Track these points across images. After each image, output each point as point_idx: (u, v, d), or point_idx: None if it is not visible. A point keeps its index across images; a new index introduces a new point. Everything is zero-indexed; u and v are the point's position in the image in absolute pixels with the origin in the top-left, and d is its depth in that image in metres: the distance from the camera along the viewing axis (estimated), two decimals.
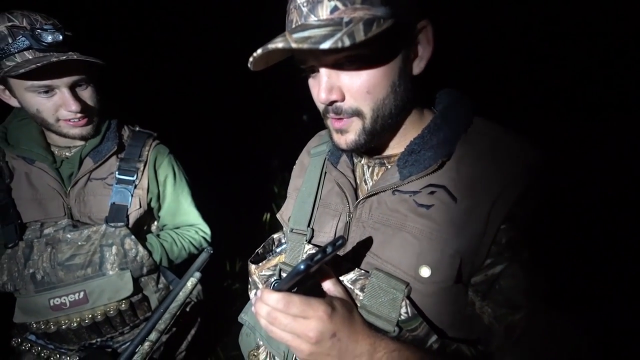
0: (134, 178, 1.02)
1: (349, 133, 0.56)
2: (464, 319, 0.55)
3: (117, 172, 1.00)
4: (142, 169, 1.03)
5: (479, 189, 0.52)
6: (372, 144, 0.58)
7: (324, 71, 0.52)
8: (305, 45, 0.44)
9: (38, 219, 0.95)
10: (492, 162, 0.53)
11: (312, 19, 0.48)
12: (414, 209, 0.56)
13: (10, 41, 0.78)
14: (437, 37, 0.52)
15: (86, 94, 0.91)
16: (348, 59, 0.49)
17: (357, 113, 0.53)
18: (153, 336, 0.92)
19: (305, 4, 0.48)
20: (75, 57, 0.80)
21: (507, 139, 0.55)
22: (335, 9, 0.46)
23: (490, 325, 0.53)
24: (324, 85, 0.52)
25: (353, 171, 0.66)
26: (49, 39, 0.78)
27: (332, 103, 0.53)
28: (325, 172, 0.70)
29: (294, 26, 0.50)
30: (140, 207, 1.03)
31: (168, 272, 1.11)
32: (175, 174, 1.13)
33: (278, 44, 0.45)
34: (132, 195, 1.01)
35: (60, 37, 0.79)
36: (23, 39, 0.78)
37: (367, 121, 0.54)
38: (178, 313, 0.97)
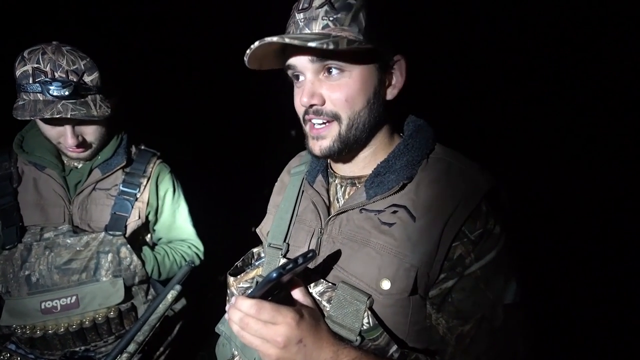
0: (136, 191, 1.07)
1: (325, 139, 0.60)
2: (422, 330, 0.58)
3: (121, 185, 1.05)
4: (145, 183, 1.09)
5: (434, 209, 0.56)
6: (344, 154, 0.62)
7: (309, 78, 0.58)
8: (295, 42, 0.50)
9: (38, 224, 0.99)
10: (446, 186, 0.58)
11: (306, 31, 0.56)
12: (378, 227, 0.59)
13: (30, 81, 0.88)
14: (410, 71, 0.60)
15: (89, 129, 0.97)
16: (331, 69, 0.56)
17: (336, 117, 0.58)
18: (131, 347, 0.91)
19: (302, 20, 0.56)
20: (69, 115, 0.88)
21: (461, 165, 0.60)
22: (326, 26, 0.54)
23: (445, 335, 0.56)
24: (307, 89, 0.58)
25: (327, 190, 0.70)
26: (55, 93, 0.87)
27: (312, 106, 0.59)
28: (303, 191, 0.74)
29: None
30: (139, 218, 1.07)
31: (158, 284, 1.12)
32: (175, 190, 1.18)
33: (273, 37, 0.52)
34: (132, 207, 1.05)
35: (67, 93, 0.87)
36: (37, 85, 0.87)
37: (343, 127, 0.58)
38: (157, 325, 0.97)
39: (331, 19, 0.54)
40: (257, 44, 0.54)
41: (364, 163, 0.66)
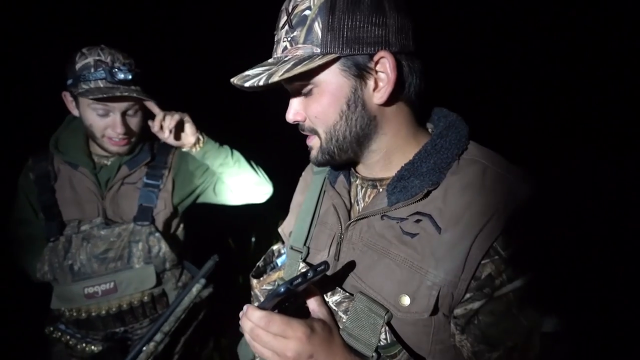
0: (159, 183, 1.12)
1: (313, 149, 0.61)
2: (446, 349, 0.54)
3: (145, 178, 1.11)
4: (166, 174, 1.14)
5: (463, 221, 0.50)
6: (334, 163, 0.61)
7: (292, 95, 0.59)
8: (238, 82, 0.53)
9: (76, 218, 1.07)
10: (478, 194, 0.51)
11: (274, 56, 0.56)
12: (399, 236, 0.55)
13: (92, 71, 0.97)
14: (399, 67, 0.52)
15: (134, 120, 1.06)
16: (300, 87, 0.55)
17: (314, 132, 0.58)
18: (158, 337, 0.98)
19: (275, 42, 0.56)
20: (135, 95, 0.98)
21: (497, 169, 0.53)
22: (284, 48, 0.53)
23: (469, 359, 0.51)
24: (290, 108, 0.59)
25: (349, 191, 0.66)
26: (121, 76, 0.98)
27: (297, 122, 0.60)
28: (325, 191, 0.71)
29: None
30: (166, 208, 1.13)
31: (193, 268, 1.19)
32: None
33: (234, 78, 0.55)
34: (157, 198, 1.11)
35: (130, 77, 0.99)
36: (102, 71, 0.97)
37: (322, 140, 0.58)
38: (182, 316, 1.04)
39: (289, 39, 0.52)
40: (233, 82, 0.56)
41: (380, 166, 0.61)
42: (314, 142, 0.60)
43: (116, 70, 0.98)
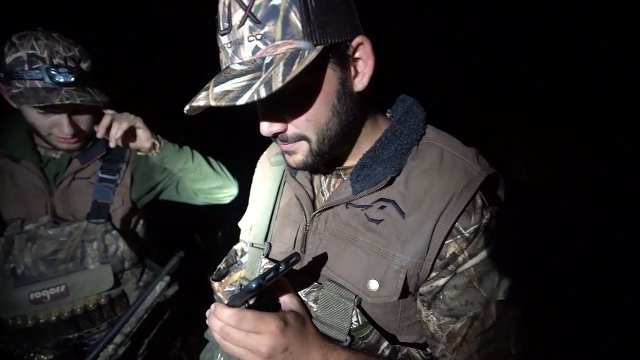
0: (116, 177, 1.05)
1: (297, 154, 0.55)
2: (412, 325, 0.57)
3: (99, 172, 1.03)
4: (124, 168, 1.07)
5: (425, 204, 0.52)
6: (323, 162, 0.58)
7: (263, 103, 0.51)
8: (223, 103, 0.43)
9: (20, 217, 0.97)
10: (438, 177, 0.53)
11: (237, 61, 0.47)
12: (365, 224, 0.56)
13: (26, 68, 0.83)
14: (377, 49, 0.50)
15: (83, 118, 0.96)
16: (282, 93, 0.46)
17: (302, 137, 0.53)
18: (118, 339, 0.93)
19: (229, 45, 0.47)
20: (78, 101, 0.86)
21: (454, 151, 0.56)
22: (256, 49, 0.45)
23: (435, 332, 0.55)
24: (265, 117, 0.52)
25: (311, 182, 0.66)
26: (60, 79, 0.83)
27: (276, 134, 0.53)
28: (285, 182, 0.70)
29: (223, 67, 0.49)
30: (123, 204, 1.06)
31: (155, 266, 1.13)
32: None
33: (200, 101, 0.45)
34: (114, 194, 1.04)
35: (71, 79, 0.84)
36: (38, 72, 0.82)
37: (313, 144, 0.53)
38: (145, 316, 0.98)
39: (258, 37, 0.44)
40: (187, 107, 0.48)
41: (349, 155, 0.61)
42: (297, 147, 0.54)
43: (54, 72, 0.83)
